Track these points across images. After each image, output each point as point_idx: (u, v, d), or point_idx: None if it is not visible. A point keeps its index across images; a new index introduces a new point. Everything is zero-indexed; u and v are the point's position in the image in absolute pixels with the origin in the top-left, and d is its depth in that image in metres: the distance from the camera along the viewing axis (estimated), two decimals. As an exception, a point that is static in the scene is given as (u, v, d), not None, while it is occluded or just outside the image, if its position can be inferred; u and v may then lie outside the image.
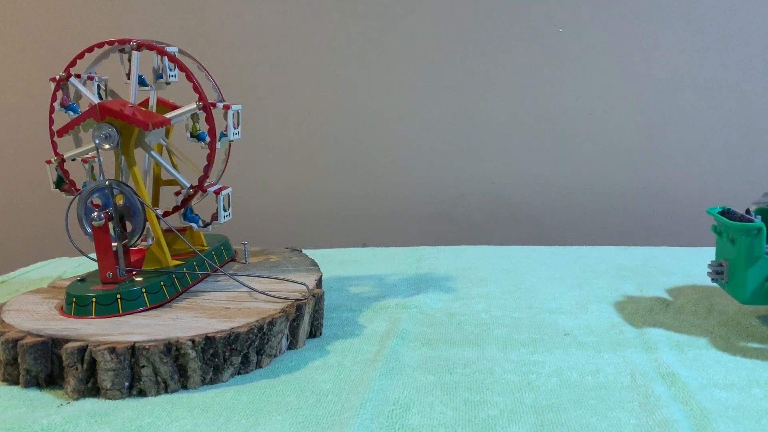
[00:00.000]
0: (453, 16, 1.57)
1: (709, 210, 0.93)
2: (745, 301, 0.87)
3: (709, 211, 0.93)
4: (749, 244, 0.84)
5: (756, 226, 0.84)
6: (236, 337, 0.81)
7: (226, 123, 0.99)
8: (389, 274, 1.27)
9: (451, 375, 0.81)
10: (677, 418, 0.69)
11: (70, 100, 1.01)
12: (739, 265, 0.86)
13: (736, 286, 0.88)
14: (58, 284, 1.02)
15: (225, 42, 1.61)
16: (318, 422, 0.71)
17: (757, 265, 0.85)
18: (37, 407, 0.76)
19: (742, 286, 0.86)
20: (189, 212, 1.02)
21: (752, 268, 0.85)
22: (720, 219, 0.89)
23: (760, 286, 0.85)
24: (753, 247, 0.84)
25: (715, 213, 0.92)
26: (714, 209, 0.93)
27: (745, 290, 0.86)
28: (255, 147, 1.61)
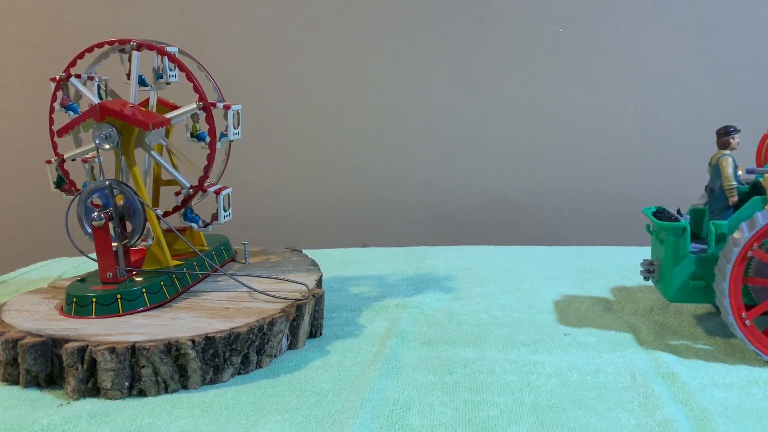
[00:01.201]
0: (453, 17, 1.57)
1: (644, 210, 0.94)
2: (671, 298, 0.88)
3: (644, 210, 0.94)
4: (675, 243, 0.86)
5: (681, 225, 0.85)
6: (236, 337, 0.81)
7: (226, 123, 0.99)
8: (389, 274, 1.27)
9: (451, 375, 0.81)
10: (677, 418, 0.69)
11: (70, 100, 1.01)
12: (667, 263, 0.87)
13: (664, 284, 0.89)
14: (58, 284, 1.02)
15: (225, 42, 1.61)
16: (318, 422, 0.71)
17: (683, 264, 0.86)
18: (37, 407, 0.76)
19: (668, 284, 0.88)
20: (189, 212, 1.02)
21: (678, 267, 0.87)
22: (651, 218, 0.90)
23: (685, 284, 0.87)
24: (678, 246, 0.86)
25: (648, 213, 0.93)
26: (649, 209, 0.94)
27: (671, 288, 0.88)
28: (255, 147, 1.61)
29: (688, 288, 0.87)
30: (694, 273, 0.87)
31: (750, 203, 0.85)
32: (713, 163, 0.90)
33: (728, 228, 0.85)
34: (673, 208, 0.94)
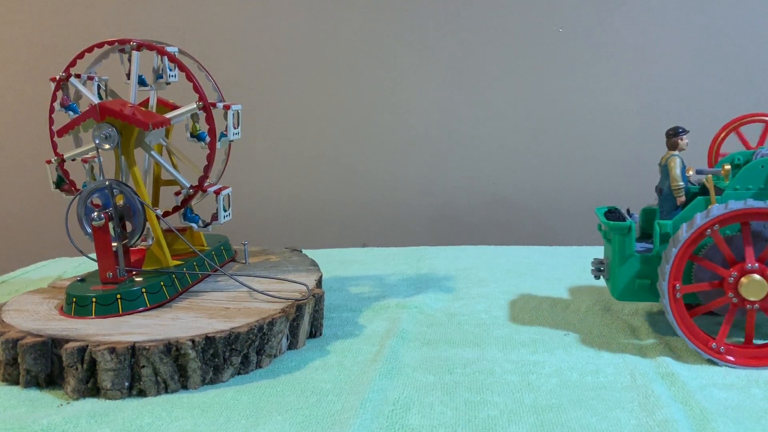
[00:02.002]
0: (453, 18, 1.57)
1: (597, 209, 0.95)
2: (618, 296, 0.89)
3: (596, 210, 0.95)
4: (621, 243, 0.87)
5: (626, 225, 0.86)
6: (236, 337, 0.81)
7: (226, 123, 0.99)
8: (389, 274, 1.27)
9: (451, 375, 0.81)
10: (677, 418, 0.69)
11: (70, 100, 1.01)
12: (614, 262, 0.89)
13: (612, 283, 0.90)
14: (58, 284, 1.02)
15: (225, 42, 1.60)
16: (318, 422, 0.71)
17: (629, 263, 0.88)
18: (37, 407, 0.76)
19: (615, 283, 0.89)
20: (189, 212, 1.02)
21: (624, 266, 0.88)
22: (600, 217, 0.91)
23: (631, 282, 0.88)
24: (624, 245, 0.87)
25: (600, 212, 0.94)
26: (602, 209, 0.95)
27: (618, 286, 0.89)
28: (255, 147, 1.61)
29: (634, 287, 0.88)
30: (640, 272, 0.88)
31: (693, 204, 0.86)
32: (662, 164, 0.91)
33: (672, 228, 0.86)
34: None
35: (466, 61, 1.58)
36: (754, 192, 0.84)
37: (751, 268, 0.81)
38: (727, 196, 0.84)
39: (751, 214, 0.80)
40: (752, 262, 0.81)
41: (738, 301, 0.82)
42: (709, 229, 0.81)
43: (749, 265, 0.81)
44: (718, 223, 0.81)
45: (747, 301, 0.81)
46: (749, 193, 0.84)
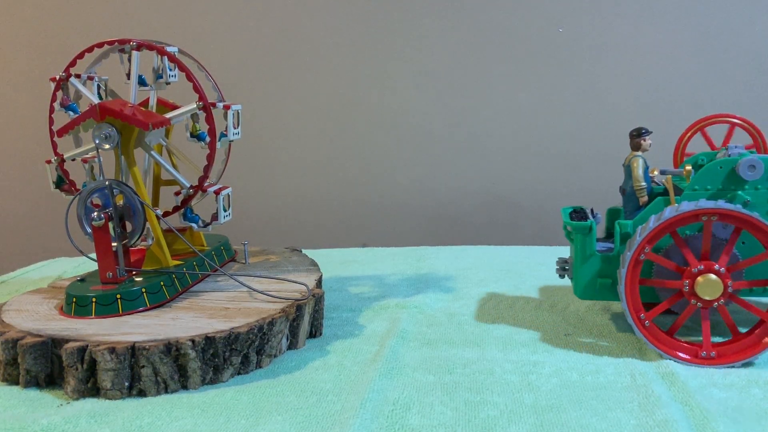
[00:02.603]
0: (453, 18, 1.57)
1: (563, 209, 0.95)
2: (580, 295, 0.90)
3: (562, 210, 0.95)
4: (582, 242, 0.88)
5: (587, 225, 0.87)
6: (236, 337, 0.81)
7: (226, 123, 0.99)
8: (389, 274, 1.27)
9: (451, 375, 0.81)
10: (677, 418, 0.69)
11: (70, 100, 1.01)
12: (576, 261, 0.89)
13: (574, 282, 0.91)
14: (58, 284, 1.02)
15: (225, 42, 1.60)
16: (318, 422, 0.71)
17: (590, 262, 0.89)
18: (37, 407, 0.76)
19: (577, 281, 0.90)
20: (189, 212, 1.02)
21: (585, 265, 0.89)
22: (563, 217, 0.92)
23: (593, 281, 0.89)
24: (585, 244, 0.88)
25: (564, 212, 0.94)
26: (567, 209, 0.95)
27: (579, 285, 0.90)
28: (255, 147, 1.61)
29: (595, 285, 0.89)
30: (601, 271, 0.89)
31: (653, 204, 0.87)
32: (626, 164, 0.92)
33: (632, 227, 0.87)
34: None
35: (466, 62, 1.58)
36: (712, 192, 0.84)
37: (701, 269, 0.81)
38: (686, 196, 0.85)
39: (704, 214, 0.80)
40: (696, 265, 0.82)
41: (695, 300, 0.82)
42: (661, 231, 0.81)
43: (698, 267, 0.82)
44: (670, 225, 0.81)
45: (703, 300, 0.82)
46: (707, 193, 0.84)
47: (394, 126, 1.62)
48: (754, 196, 0.84)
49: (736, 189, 0.84)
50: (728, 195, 0.84)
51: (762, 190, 0.83)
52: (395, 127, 1.62)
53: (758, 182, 0.83)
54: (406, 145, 1.62)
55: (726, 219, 0.80)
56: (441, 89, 1.60)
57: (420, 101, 1.61)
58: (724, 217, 0.80)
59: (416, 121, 1.61)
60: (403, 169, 1.63)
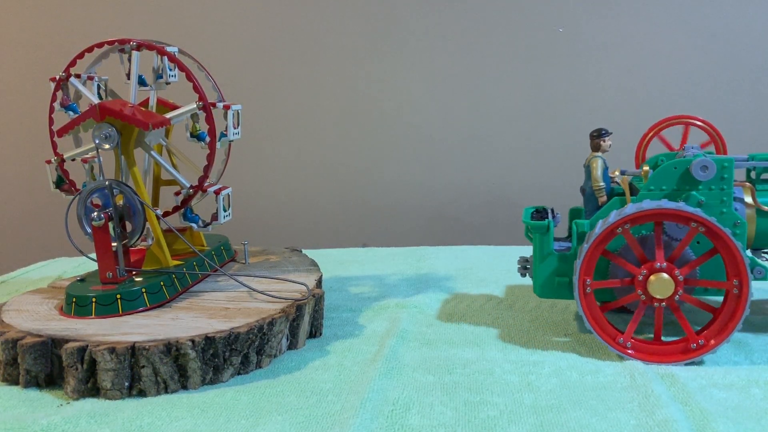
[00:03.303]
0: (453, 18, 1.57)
1: (525, 209, 0.96)
2: (538, 293, 0.91)
3: (524, 210, 0.96)
4: (540, 241, 0.89)
5: (544, 224, 0.89)
6: (236, 337, 0.81)
7: (226, 123, 0.99)
8: (389, 274, 1.27)
9: (451, 375, 0.81)
10: (677, 418, 0.69)
11: (70, 100, 1.01)
12: (535, 260, 0.91)
13: (534, 280, 0.92)
14: (58, 284, 1.02)
15: (225, 42, 1.60)
16: (318, 422, 0.71)
17: (548, 261, 0.90)
18: (37, 407, 0.76)
19: (536, 280, 0.91)
20: (189, 212, 1.02)
21: (543, 264, 0.90)
22: (523, 217, 0.93)
23: (550, 280, 0.90)
24: (543, 243, 0.89)
25: (527, 212, 0.95)
26: (529, 209, 0.97)
27: (538, 283, 0.91)
28: (255, 147, 1.61)
29: (553, 284, 0.90)
30: (558, 269, 0.90)
31: (610, 203, 0.88)
32: (586, 165, 0.93)
33: (589, 227, 0.87)
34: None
35: (466, 62, 1.58)
36: (667, 193, 0.85)
37: (659, 267, 0.82)
38: (642, 196, 0.86)
39: (662, 214, 0.81)
40: (661, 262, 0.82)
41: (646, 298, 0.83)
42: (620, 227, 0.82)
43: (658, 264, 0.82)
44: (629, 222, 0.82)
45: (654, 299, 0.82)
46: (662, 193, 0.85)
47: (395, 126, 1.62)
48: (707, 197, 0.84)
49: (690, 189, 0.85)
50: (683, 195, 0.85)
51: (715, 190, 0.84)
52: (395, 127, 1.62)
53: (711, 182, 0.84)
54: (407, 145, 1.62)
55: (671, 218, 0.81)
56: (441, 89, 1.60)
57: (420, 101, 1.61)
58: (668, 216, 0.81)
59: (416, 121, 1.61)
60: (404, 169, 1.63)
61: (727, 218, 0.84)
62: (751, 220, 0.87)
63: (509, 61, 1.57)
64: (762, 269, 0.85)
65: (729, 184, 0.84)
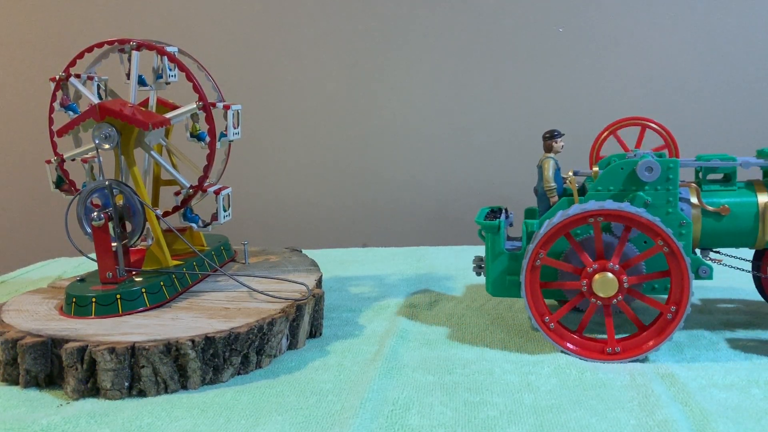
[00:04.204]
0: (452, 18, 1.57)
1: (481, 209, 0.97)
2: (491, 292, 0.92)
3: (480, 210, 0.97)
4: (492, 240, 0.90)
5: (495, 224, 0.90)
6: (236, 337, 0.81)
7: (226, 123, 0.99)
8: (389, 274, 1.27)
9: (451, 375, 0.81)
10: (677, 419, 0.69)
11: (70, 100, 1.01)
12: (487, 259, 0.92)
13: (486, 279, 0.93)
14: (58, 284, 1.02)
15: (225, 42, 1.60)
16: (318, 422, 0.71)
17: (499, 260, 0.90)
18: (37, 407, 0.76)
19: (488, 279, 0.92)
20: (189, 212, 1.02)
21: (495, 263, 0.91)
22: (477, 216, 0.94)
23: (502, 279, 0.91)
24: (495, 243, 0.90)
25: (482, 212, 0.96)
26: (485, 209, 0.98)
27: (489, 282, 0.92)
28: (255, 147, 1.61)
29: (505, 283, 0.91)
30: (509, 269, 0.90)
31: (558, 204, 0.89)
32: (539, 166, 0.95)
33: (537, 227, 0.88)
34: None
35: (466, 62, 1.58)
36: (615, 193, 0.86)
37: (612, 267, 0.83)
38: (590, 196, 0.87)
39: (590, 216, 0.82)
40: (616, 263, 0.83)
41: (587, 290, 0.84)
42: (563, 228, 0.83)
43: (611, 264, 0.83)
44: (572, 222, 0.83)
45: (594, 295, 0.84)
46: (610, 194, 0.86)
47: (395, 126, 1.62)
48: (654, 197, 0.85)
49: (637, 190, 0.86)
50: (630, 195, 0.86)
51: (661, 190, 0.85)
52: (396, 127, 1.62)
53: (657, 183, 0.85)
54: (407, 145, 1.62)
55: (612, 219, 0.82)
56: (441, 89, 1.60)
57: (420, 101, 1.60)
58: (609, 217, 0.82)
59: (417, 121, 1.61)
60: (404, 169, 1.63)
61: (673, 218, 0.85)
62: (696, 220, 0.88)
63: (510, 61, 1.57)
64: (707, 268, 0.86)
65: (674, 184, 0.85)
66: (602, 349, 0.84)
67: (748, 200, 0.87)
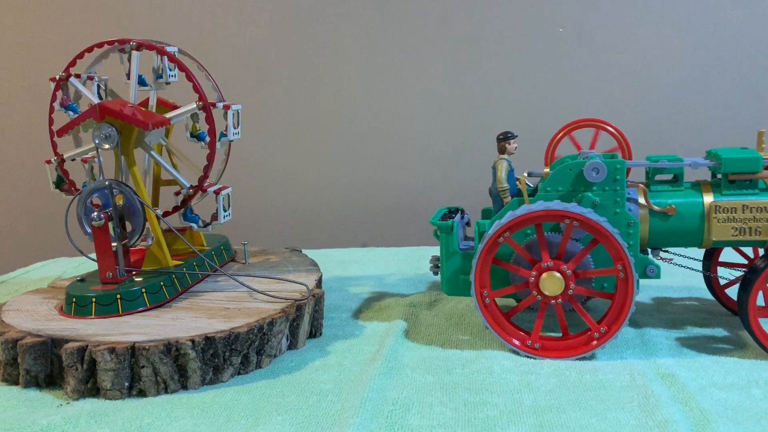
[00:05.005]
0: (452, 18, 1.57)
1: (439, 209, 0.98)
2: (445, 291, 0.93)
3: (438, 210, 0.98)
4: (446, 240, 0.91)
5: (448, 224, 0.91)
6: (236, 337, 0.81)
7: (226, 123, 0.99)
8: (389, 274, 1.27)
9: (451, 375, 0.81)
10: (677, 419, 0.69)
11: (70, 100, 1.01)
12: (442, 258, 0.93)
13: (441, 278, 0.94)
14: (58, 284, 1.02)
15: (225, 42, 1.60)
16: (318, 422, 0.71)
17: (452, 260, 0.92)
18: (37, 407, 0.76)
19: (443, 278, 0.93)
20: (189, 212, 1.02)
21: (449, 262, 0.92)
22: (433, 216, 0.95)
23: (455, 278, 0.92)
24: (449, 242, 0.91)
25: (440, 212, 0.97)
26: (443, 209, 0.98)
27: (444, 281, 0.93)
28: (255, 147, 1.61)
29: (458, 282, 0.92)
30: (463, 268, 0.91)
31: (508, 205, 0.90)
32: (493, 167, 0.96)
33: (489, 226, 0.89)
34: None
35: (467, 63, 1.58)
36: (563, 194, 0.87)
37: (546, 266, 0.84)
38: (539, 197, 0.87)
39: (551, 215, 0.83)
40: (547, 261, 0.84)
41: (543, 298, 0.85)
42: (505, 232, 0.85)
43: (544, 264, 0.84)
44: (519, 222, 0.84)
45: (549, 297, 0.84)
46: (558, 194, 0.87)
47: (395, 126, 1.62)
48: (602, 197, 0.86)
49: (585, 190, 0.86)
50: (578, 196, 0.86)
51: (609, 191, 0.86)
52: (396, 127, 1.62)
53: (605, 184, 0.86)
54: (407, 145, 1.62)
55: (556, 219, 0.83)
56: (441, 90, 1.60)
57: (420, 102, 1.60)
58: (555, 217, 0.83)
59: (417, 121, 1.61)
60: (404, 169, 1.63)
61: (621, 218, 0.86)
62: (644, 219, 0.89)
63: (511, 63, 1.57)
64: (654, 267, 0.87)
65: (621, 185, 0.86)
66: (524, 339, 0.86)
67: (694, 200, 0.88)
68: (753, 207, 0.86)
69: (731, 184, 0.87)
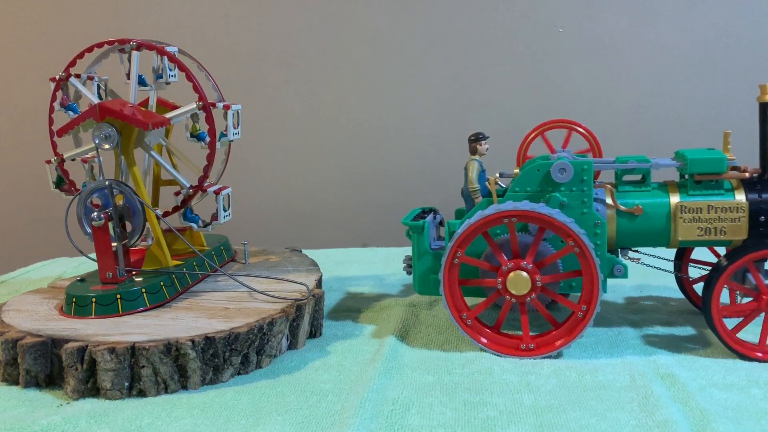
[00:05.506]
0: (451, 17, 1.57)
1: (413, 210, 0.99)
2: (417, 290, 0.94)
3: (411, 210, 0.99)
4: (417, 240, 0.92)
5: (420, 224, 0.92)
6: (236, 338, 0.81)
7: (226, 123, 0.99)
8: (389, 274, 1.27)
9: (450, 375, 0.81)
10: (677, 419, 0.69)
11: (70, 100, 1.01)
12: (414, 258, 0.94)
13: (413, 277, 0.94)
14: (58, 284, 1.02)
15: (225, 42, 1.60)
16: (318, 422, 0.71)
17: (424, 259, 0.92)
18: (37, 407, 0.76)
19: (415, 277, 0.94)
20: (189, 212, 1.02)
21: (420, 262, 0.92)
22: (405, 217, 0.95)
23: (427, 277, 0.92)
24: (420, 242, 0.92)
25: (413, 212, 0.98)
26: (417, 209, 0.99)
27: (416, 280, 0.93)
28: (255, 147, 1.61)
29: (429, 281, 0.92)
30: (434, 267, 0.92)
31: (479, 204, 0.91)
32: (465, 168, 0.97)
33: (458, 227, 0.89)
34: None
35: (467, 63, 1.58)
36: (531, 194, 0.87)
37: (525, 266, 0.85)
38: (508, 197, 0.88)
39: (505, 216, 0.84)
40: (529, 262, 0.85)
41: (502, 288, 0.85)
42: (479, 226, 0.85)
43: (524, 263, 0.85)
44: (488, 222, 0.84)
45: (509, 293, 0.85)
46: (527, 194, 0.87)
47: (395, 126, 1.62)
48: (569, 197, 0.86)
49: (553, 190, 0.87)
50: (546, 196, 0.87)
51: (576, 192, 0.86)
52: (396, 127, 1.62)
53: (572, 184, 0.86)
54: (406, 144, 1.62)
55: (525, 219, 0.84)
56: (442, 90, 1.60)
57: (420, 101, 1.60)
58: (522, 217, 0.83)
59: (416, 120, 1.61)
60: (404, 168, 1.63)
61: (588, 219, 0.86)
62: (611, 220, 0.89)
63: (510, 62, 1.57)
64: (621, 267, 0.87)
65: (589, 185, 0.86)
66: (517, 345, 0.86)
67: (661, 200, 0.88)
68: (718, 207, 0.86)
69: (697, 185, 0.87)
